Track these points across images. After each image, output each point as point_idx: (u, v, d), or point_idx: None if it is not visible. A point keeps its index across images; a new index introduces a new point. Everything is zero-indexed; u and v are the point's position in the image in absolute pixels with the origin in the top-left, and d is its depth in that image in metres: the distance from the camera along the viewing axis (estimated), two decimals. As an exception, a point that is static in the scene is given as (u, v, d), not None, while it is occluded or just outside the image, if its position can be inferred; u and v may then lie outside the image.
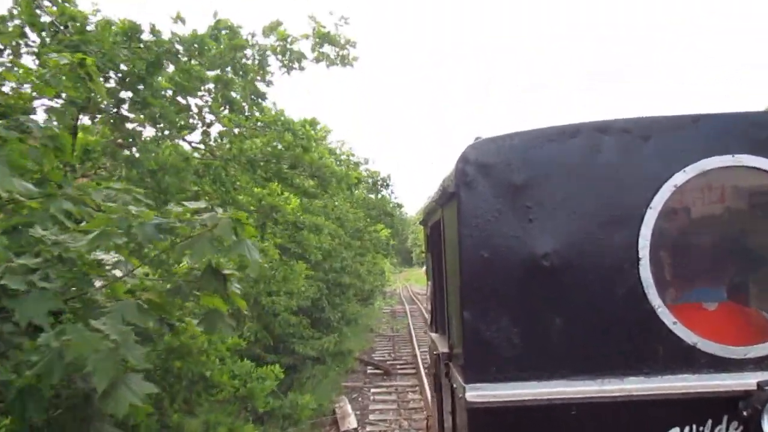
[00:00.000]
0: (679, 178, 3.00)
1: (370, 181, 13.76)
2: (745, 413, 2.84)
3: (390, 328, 27.40)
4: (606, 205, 3.03)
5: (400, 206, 25.93)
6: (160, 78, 7.78)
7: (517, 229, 3.02)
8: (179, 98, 8.33)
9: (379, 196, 17.63)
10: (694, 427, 2.93)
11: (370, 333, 25.57)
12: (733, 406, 2.89)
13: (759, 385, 2.84)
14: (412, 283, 57.03)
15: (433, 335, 5.19)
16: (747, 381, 2.88)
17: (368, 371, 17.83)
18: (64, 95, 5.42)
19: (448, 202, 3.48)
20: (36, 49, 6.39)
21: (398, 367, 18.15)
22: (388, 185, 15.28)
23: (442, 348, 4.10)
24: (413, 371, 17.14)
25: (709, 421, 2.92)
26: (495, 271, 3.03)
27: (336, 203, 18.95)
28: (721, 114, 3.07)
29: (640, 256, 2.97)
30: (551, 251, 2.99)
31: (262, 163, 9.69)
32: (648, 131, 3.05)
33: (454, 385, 3.50)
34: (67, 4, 6.60)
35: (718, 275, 3.48)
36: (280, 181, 10.16)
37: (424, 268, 8.72)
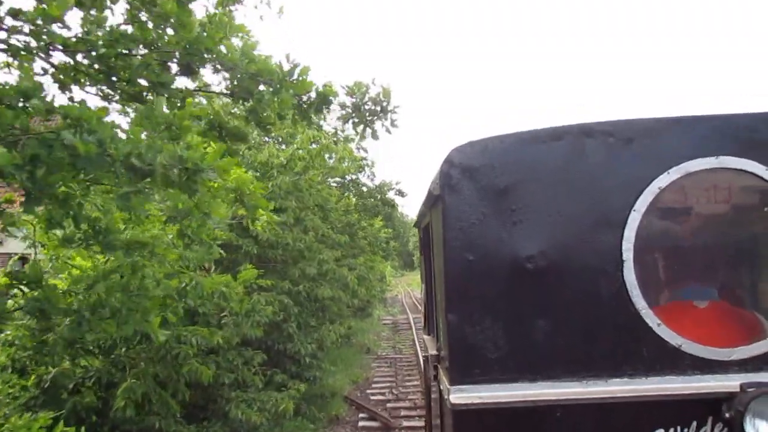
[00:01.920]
0: (663, 180, 2.99)
1: (350, 103, 7.59)
2: (727, 415, 2.81)
3: (392, 346, 21.61)
4: (590, 208, 3.01)
5: (401, 194, 20.41)
6: None
7: (501, 231, 3.00)
8: None
9: (365, 135, 10.65)
10: (679, 428, 2.90)
11: (366, 355, 19.52)
12: (718, 408, 2.86)
13: (742, 387, 2.81)
14: (414, 288, 51.32)
15: (426, 338, 5.22)
16: (731, 383, 2.86)
17: (360, 422, 12.26)
18: None
19: (434, 205, 3.49)
20: None
21: (403, 413, 12.58)
22: (385, 111, 7.92)
23: (432, 350, 4.04)
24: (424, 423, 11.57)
25: (694, 423, 2.89)
26: (480, 274, 3.01)
27: (315, 180, 13.16)
28: (705, 116, 3.06)
29: (624, 259, 2.95)
30: (536, 254, 2.97)
31: (104, 50, 4.45)
32: (631, 134, 3.03)
33: (441, 387, 3.48)
34: None
35: (709, 274, 3.42)
36: (160, 92, 4.81)
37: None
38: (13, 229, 4.64)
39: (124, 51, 4.48)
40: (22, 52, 4.25)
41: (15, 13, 4.05)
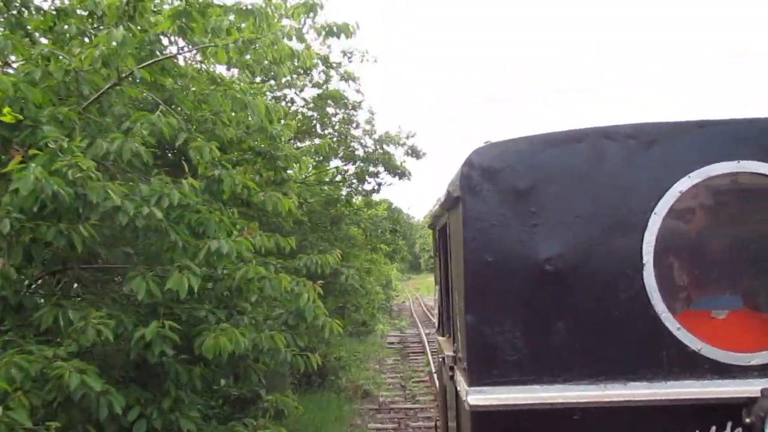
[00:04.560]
0: (684, 183, 3.00)
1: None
2: (748, 420, 2.81)
3: (400, 384, 13.88)
4: (610, 211, 3.04)
5: (416, 154, 14.78)
6: None
7: (521, 233, 3.02)
8: None
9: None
10: None
11: (361, 402, 12.23)
12: (737, 413, 2.85)
13: (763, 392, 2.80)
14: (422, 294, 46.79)
15: (440, 338, 5.20)
16: (751, 388, 2.84)
17: None
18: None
19: (453, 207, 3.52)
20: None
21: None
22: None
23: (448, 351, 4.06)
24: None
25: (713, 428, 2.88)
26: (499, 276, 3.04)
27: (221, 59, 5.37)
28: (727, 120, 3.07)
29: (643, 262, 2.96)
30: (555, 256, 2.99)
31: None
32: (653, 137, 3.05)
33: (458, 389, 3.50)
34: None
35: (729, 281, 3.42)
36: None
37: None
38: None
39: None
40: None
41: None
